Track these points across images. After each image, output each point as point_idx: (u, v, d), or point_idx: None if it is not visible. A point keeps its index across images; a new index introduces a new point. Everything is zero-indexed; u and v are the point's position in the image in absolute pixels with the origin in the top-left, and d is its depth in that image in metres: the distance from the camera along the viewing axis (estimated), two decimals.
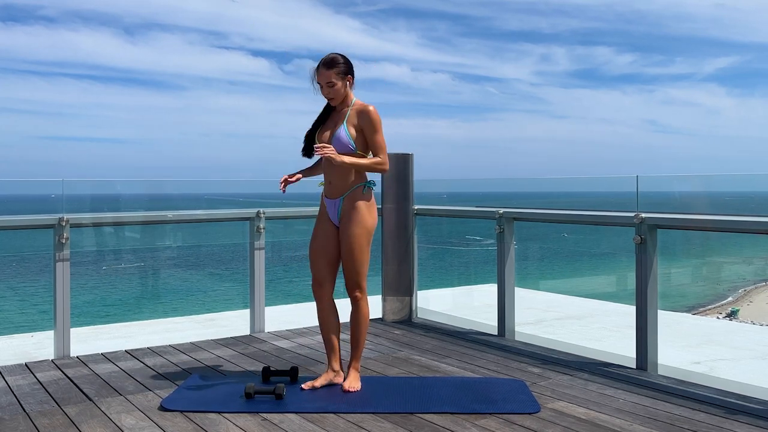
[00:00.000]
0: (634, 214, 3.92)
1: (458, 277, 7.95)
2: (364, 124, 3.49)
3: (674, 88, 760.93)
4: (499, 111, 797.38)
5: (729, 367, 4.76)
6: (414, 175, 5.30)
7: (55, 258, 4.27)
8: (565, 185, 5.08)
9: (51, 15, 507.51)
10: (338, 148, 3.48)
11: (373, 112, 3.50)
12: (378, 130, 3.50)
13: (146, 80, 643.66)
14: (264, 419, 3.09)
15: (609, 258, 5.72)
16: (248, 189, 5.62)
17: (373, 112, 3.50)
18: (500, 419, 3.08)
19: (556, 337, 4.74)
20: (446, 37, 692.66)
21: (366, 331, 3.60)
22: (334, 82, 3.49)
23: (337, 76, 3.50)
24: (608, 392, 3.47)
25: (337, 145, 3.48)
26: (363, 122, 3.49)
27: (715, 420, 3.05)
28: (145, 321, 6.46)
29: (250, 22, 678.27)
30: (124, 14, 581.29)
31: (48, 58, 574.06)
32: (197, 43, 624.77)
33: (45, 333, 5.34)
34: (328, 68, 3.50)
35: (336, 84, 3.50)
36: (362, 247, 3.49)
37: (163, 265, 11.95)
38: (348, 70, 3.54)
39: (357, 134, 3.49)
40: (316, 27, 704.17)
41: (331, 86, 3.50)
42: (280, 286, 13.21)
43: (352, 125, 3.49)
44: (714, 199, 4.30)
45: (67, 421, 3.07)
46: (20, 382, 3.70)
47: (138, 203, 5.14)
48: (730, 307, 23.65)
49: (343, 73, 3.52)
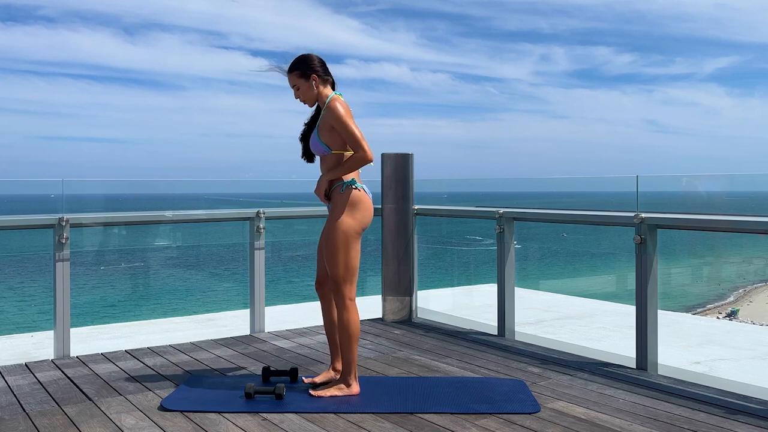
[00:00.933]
0: (634, 214, 3.92)
1: (458, 277, 7.94)
2: (330, 121, 3.35)
3: (674, 88, 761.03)
4: (498, 111, 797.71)
5: (729, 367, 4.76)
6: (414, 175, 5.30)
7: (55, 258, 4.26)
8: (565, 185, 5.08)
9: (50, 15, 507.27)
10: (316, 151, 3.45)
11: (333, 108, 3.33)
12: (344, 122, 3.30)
13: (146, 80, 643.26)
14: (264, 419, 3.09)
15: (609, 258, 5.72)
16: (248, 189, 5.61)
17: (333, 108, 3.33)
18: (500, 419, 3.08)
19: (556, 337, 4.74)
20: (446, 37, 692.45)
21: (350, 341, 3.36)
22: (298, 84, 3.44)
23: (300, 78, 3.43)
24: (608, 392, 3.47)
25: (314, 149, 3.45)
26: (329, 119, 3.35)
27: (715, 420, 3.04)
28: (145, 321, 6.47)
29: (250, 22, 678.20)
30: (123, 14, 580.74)
31: (47, 58, 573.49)
32: (197, 43, 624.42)
33: (45, 333, 5.33)
34: (290, 72, 3.46)
35: (300, 86, 3.44)
36: (336, 248, 3.34)
37: (163, 265, 11.95)
38: (311, 69, 3.43)
39: (330, 133, 3.37)
40: (315, 27, 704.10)
41: (297, 89, 3.46)
42: (279, 286, 13.22)
43: (324, 126, 3.38)
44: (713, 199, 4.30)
45: (66, 421, 3.06)
46: (20, 382, 3.69)
47: (138, 203, 5.14)
48: (730, 307, 23.62)
49: (305, 73, 3.43)
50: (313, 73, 3.43)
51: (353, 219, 3.36)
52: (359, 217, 3.38)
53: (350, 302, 3.38)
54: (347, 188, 3.38)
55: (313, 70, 3.43)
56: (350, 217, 3.35)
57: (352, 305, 3.39)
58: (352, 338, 3.37)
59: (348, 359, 3.40)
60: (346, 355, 3.40)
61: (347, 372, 3.42)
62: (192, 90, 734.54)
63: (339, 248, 3.34)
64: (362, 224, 3.40)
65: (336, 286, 3.38)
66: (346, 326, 3.37)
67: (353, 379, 3.43)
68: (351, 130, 3.31)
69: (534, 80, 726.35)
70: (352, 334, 3.36)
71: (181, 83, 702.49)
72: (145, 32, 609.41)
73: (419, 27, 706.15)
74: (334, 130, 3.35)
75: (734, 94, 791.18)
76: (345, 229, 3.34)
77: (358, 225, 3.38)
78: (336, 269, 3.36)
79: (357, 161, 3.33)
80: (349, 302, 3.38)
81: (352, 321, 3.37)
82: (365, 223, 3.42)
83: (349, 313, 3.37)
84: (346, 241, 3.34)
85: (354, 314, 3.39)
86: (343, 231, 3.34)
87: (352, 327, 3.37)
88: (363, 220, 3.40)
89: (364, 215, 3.40)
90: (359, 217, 3.38)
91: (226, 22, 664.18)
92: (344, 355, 3.41)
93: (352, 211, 3.36)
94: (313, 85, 3.43)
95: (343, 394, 3.39)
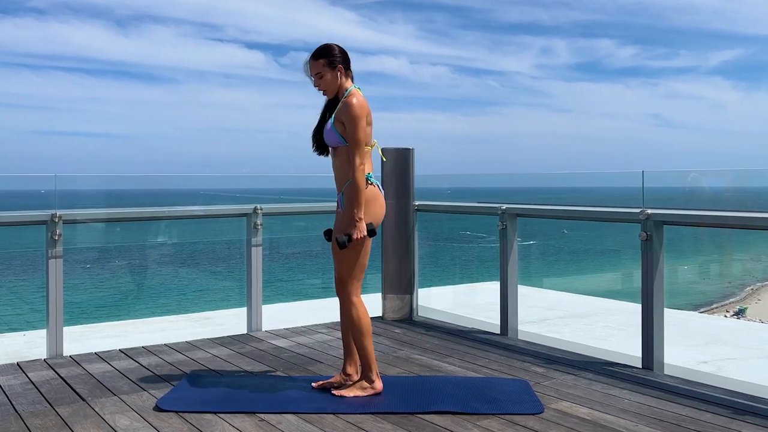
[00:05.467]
0: (640, 210, 3.87)
1: (460, 275, 7.90)
2: (343, 118, 3.30)
3: (678, 81, 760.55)
4: (499, 105, 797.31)
5: (737, 367, 4.73)
6: (415, 171, 5.24)
7: (47, 255, 4.21)
8: (568, 181, 5.03)
9: (41, 7, 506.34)
10: (330, 142, 3.39)
11: (352, 105, 3.27)
12: (356, 123, 3.25)
13: (139, 73, 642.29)
14: (261, 420, 3.06)
15: (614, 255, 5.67)
16: (245, 184, 5.57)
17: (352, 105, 3.27)
18: (503, 420, 3.04)
19: (560, 336, 4.70)
20: (445, 30, 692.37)
21: (363, 337, 3.34)
22: (323, 73, 3.39)
23: (325, 67, 3.38)
24: (613, 392, 3.43)
25: (328, 140, 3.40)
26: (343, 115, 3.30)
27: (723, 421, 3.01)
28: (140, 319, 6.44)
29: (245, 13, 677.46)
30: (115, 6, 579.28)
31: (38, 50, 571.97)
32: (191, 36, 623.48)
33: (37, 332, 5.29)
34: (316, 59, 3.40)
35: (325, 75, 3.39)
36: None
37: (158, 262, 11.92)
38: (338, 59, 3.39)
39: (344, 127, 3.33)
40: (312, 19, 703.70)
41: (320, 77, 3.40)
42: (277, 283, 13.17)
43: (339, 119, 3.34)
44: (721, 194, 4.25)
45: (59, 421, 3.04)
46: (12, 382, 3.65)
47: (132, 199, 5.10)
48: (737, 306, 23.55)
49: (332, 63, 3.38)
50: (340, 64, 3.40)
51: (367, 216, 3.32)
52: (373, 214, 3.35)
53: (356, 299, 3.38)
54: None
55: (341, 61, 3.41)
56: (365, 214, 3.31)
57: (358, 301, 3.38)
58: (365, 334, 3.36)
59: (365, 356, 3.38)
60: (362, 353, 3.39)
61: (367, 369, 3.40)
62: (186, 83, 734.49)
63: (351, 246, 3.30)
64: (376, 222, 3.37)
65: (342, 283, 3.37)
66: (357, 323, 3.35)
67: (375, 375, 3.41)
68: (359, 133, 3.27)
69: (535, 73, 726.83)
70: (364, 329, 3.35)
71: (175, 77, 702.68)
72: (138, 24, 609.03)
73: (417, 19, 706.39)
74: None
75: (740, 88, 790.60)
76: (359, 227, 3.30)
77: (372, 220, 3.35)
78: (345, 267, 3.35)
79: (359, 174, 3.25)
80: (356, 299, 3.37)
81: (362, 317, 3.36)
82: (378, 220, 3.40)
83: (357, 310, 3.36)
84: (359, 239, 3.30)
85: (362, 310, 3.38)
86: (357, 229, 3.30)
87: (363, 323, 3.36)
88: (376, 218, 3.38)
89: (377, 213, 3.38)
90: (373, 214, 3.35)
91: (221, 13, 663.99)
92: (361, 353, 3.39)
93: (366, 209, 3.31)
94: (338, 76, 3.40)
95: (367, 394, 3.37)
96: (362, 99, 3.35)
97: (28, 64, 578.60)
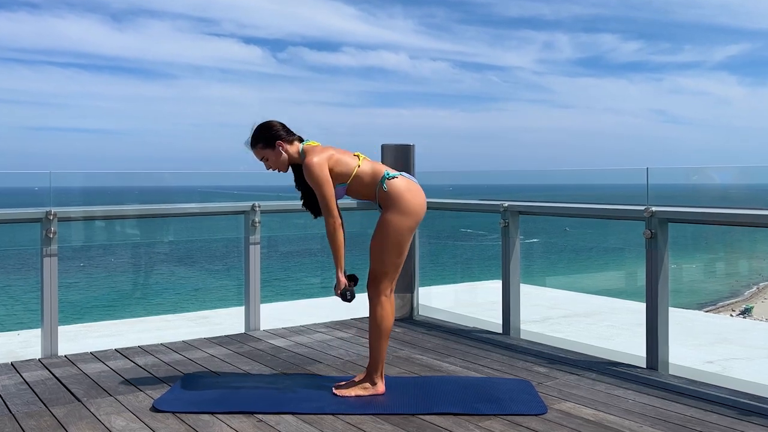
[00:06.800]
0: (644, 207, 3.84)
1: (461, 273, 7.87)
2: (309, 182, 3.26)
3: (683, 76, 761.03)
4: (501, 100, 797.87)
5: (743, 367, 4.72)
6: (415, 167, 5.19)
7: (42, 253, 4.17)
8: (571, 177, 5.00)
9: (35, 1, 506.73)
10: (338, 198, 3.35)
11: (309, 167, 3.22)
12: (319, 183, 3.21)
13: (135, 68, 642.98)
14: (259, 420, 3.03)
15: (618, 253, 5.64)
16: (243, 181, 5.53)
17: (309, 167, 3.22)
18: (505, 421, 3.01)
19: (563, 336, 4.68)
20: (445, 24, 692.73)
21: (381, 337, 3.32)
22: (266, 155, 3.37)
23: (266, 149, 3.35)
24: (617, 393, 3.40)
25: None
26: (308, 180, 3.26)
27: (728, 421, 2.98)
28: (136, 318, 6.45)
29: (242, 8, 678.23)
30: (111, 0, 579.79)
31: (32, 45, 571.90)
32: (187, 30, 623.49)
33: (32, 331, 5.27)
34: (254, 147, 3.38)
35: (269, 157, 3.37)
36: (384, 246, 3.25)
37: (154, 260, 11.90)
38: (273, 136, 3.34)
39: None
40: (310, 13, 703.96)
41: (266, 160, 3.39)
42: (276, 282, 13.15)
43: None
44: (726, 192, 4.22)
45: (54, 422, 3.02)
46: (6, 383, 3.63)
47: (128, 196, 5.06)
48: (743, 304, 23.55)
49: (269, 142, 3.34)
50: (276, 140, 3.35)
51: (403, 216, 3.26)
52: (409, 211, 3.27)
53: (385, 298, 3.34)
54: (387, 184, 3.29)
55: (275, 136, 3.34)
56: (400, 213, 3.26)
57: (386, 301, 3.34)
58: (383, 335, 3.34)
59: (376, 356, 3.36)
60: (374, 353, 3.36)
61: (373, 370, 3.38)
62: (183, 78, 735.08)
63: (389, 248, 3.26)
64: (415, 218, 3.30)
65: (375, 279, 3.33)
66: (379, 322, 3.33)
67: (379, 377, 3.39)
68: (324, 193, 3.22)
69: (537, 68, 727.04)
70: (383, 330, 3.33)
71: (172, 71, 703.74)
72: (133, 19, 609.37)
73: (417, 13, 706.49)
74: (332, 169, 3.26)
75: (746, 83, 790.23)
76: (396, 228, 3.26)
77: (412, 221, 3.29)
78: (379, 265, 3.30)
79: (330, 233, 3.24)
80: (384, 298, 3.33)
81: (385, 317, 3.33)
82: (418, 213, 3.30)
83: (383, 309, 3.33)
84: (397, 241, 3.27)
85: (388, 310, 3.35)
86: (394, 230, 3.26)
87: (385, 323, 3.33)
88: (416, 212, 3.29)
89: (415, 208, 3.28)
90: (409, 211, 3.27)
91: (218, 8, 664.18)
92: (373, 352, 3.37)
93: (400, 207, 3.26)
94: (281, 151, 3.35)
95: (368, 394, 3.34)
96: (318, 151, 3.29)
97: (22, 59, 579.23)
